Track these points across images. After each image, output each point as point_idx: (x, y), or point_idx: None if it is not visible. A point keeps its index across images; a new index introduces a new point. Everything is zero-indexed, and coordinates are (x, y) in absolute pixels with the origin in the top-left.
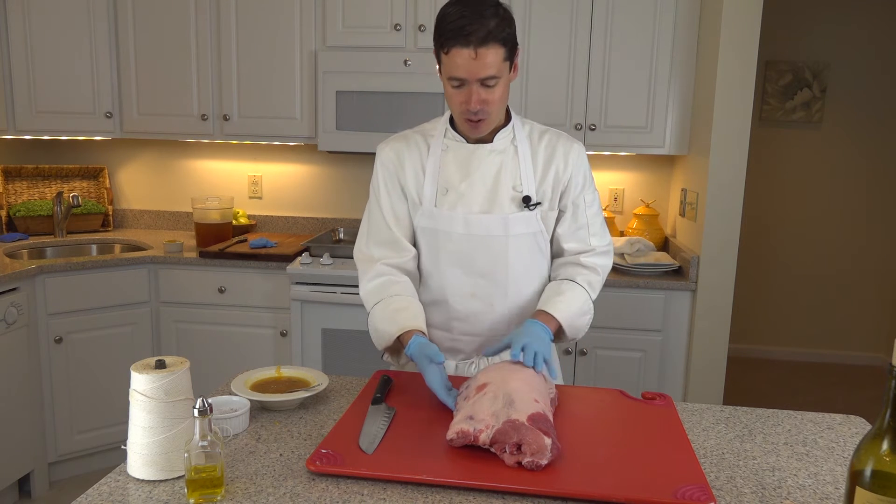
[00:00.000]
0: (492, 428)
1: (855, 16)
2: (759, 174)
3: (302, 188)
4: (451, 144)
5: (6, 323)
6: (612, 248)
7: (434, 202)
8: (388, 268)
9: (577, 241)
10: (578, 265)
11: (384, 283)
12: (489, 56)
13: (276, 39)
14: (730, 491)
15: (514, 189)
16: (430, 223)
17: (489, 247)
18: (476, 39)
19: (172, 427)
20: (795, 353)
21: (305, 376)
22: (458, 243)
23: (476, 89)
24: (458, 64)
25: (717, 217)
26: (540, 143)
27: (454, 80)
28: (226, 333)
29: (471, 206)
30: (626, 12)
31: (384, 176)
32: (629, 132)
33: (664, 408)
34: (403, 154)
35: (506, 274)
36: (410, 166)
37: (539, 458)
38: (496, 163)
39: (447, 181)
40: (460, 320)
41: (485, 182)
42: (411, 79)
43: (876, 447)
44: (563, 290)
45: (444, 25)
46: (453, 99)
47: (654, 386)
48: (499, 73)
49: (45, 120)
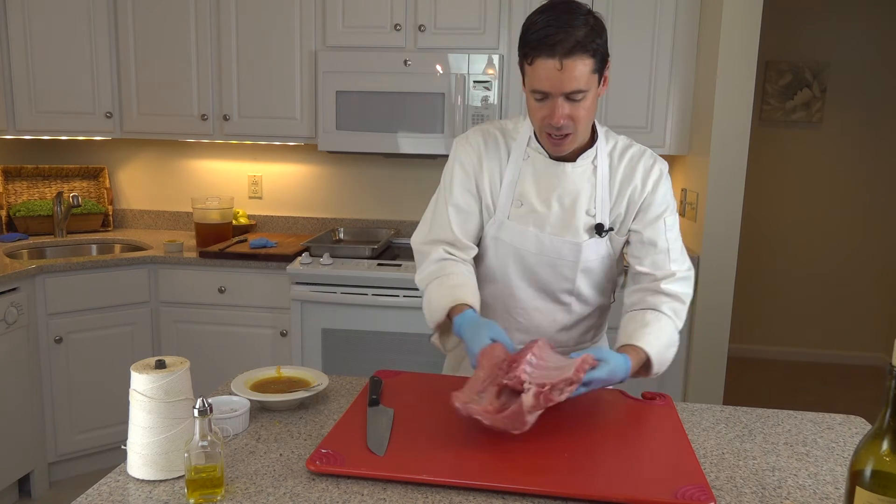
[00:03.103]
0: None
1: (855, 16)
2: (759, 174)
3: (302, 188)
4: (532, 155)
5: (6, 323)
6: (692, 274)
7: (507, 213)
8: (448, 254)
9: (656, 266)
10: (660, 293)
11: (442, 265)
12: (576, 68)
13: (276, 39)
14: (730, 491)
15: (588, 214)
16: (501, 234)
17: (557, 269)
18: (562, 50)
19: (172, 427)
20: (795, 353)
21: (305, 376)
22: (526, 259)
23: (561, 103)
24: (541, 76)
25: (717, 217)
26: (620, 161)
27: (537, 92)
28: (226, 333)
29: (543, 225)
30: (626, 12)
31: (461, 174)
32: (629, 132)
33: (664, 408)
34: (483, 154)
35: (572, 295)
36: (488, 169)
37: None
38: (576, 185)
39: (523, 195)
40: (521, 331)
41: (562, 204)
42: (411, 79)
43: (876, 447)
44: (649, 322)
45: (529, 34)
46: (535, 113)
47: (654, 386)
48: (586, 87)
49: (45, 120)
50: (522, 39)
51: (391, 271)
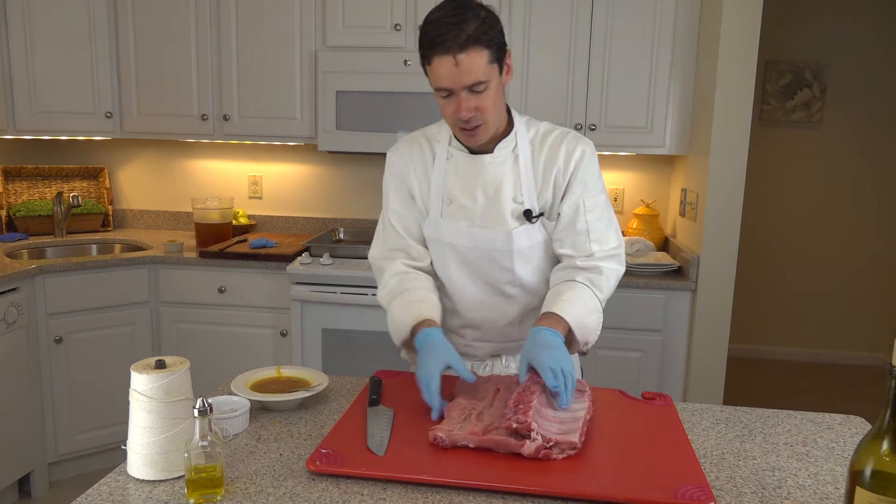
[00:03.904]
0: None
1: (855, 15)
2: (759, 174)
3: (302, 188)
4: (454, 153)
5: (6, 323)
6: (621, 250)
7: (440, 213)
8: (405, 267)
9: (574, 246)
10: (576, 268)
11: (401, 279)
12: (472, 61)
13: (276, 39)
14: (730, 491)
15: (515, 201)
16: (436, 234)
17: (495, 260)
18: (455, 46)
19: (172, 427)
20: (795, 353)
21: (305, 376)
22: (465, 255)
23: (465, 97)
24: (440, 74)
25: (717, 217)
26: (542, 146)
27: (441, 90)
28: (226, 333)
29: (473, 219)
30: (626, 12)
31: (393, 183)
32: (629, 132)
33: (664, 408)
34: (408, 161)
35: (514, 285)
36: (415, 174)
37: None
38: (497, 174)
39: (450, 192)
40: (472, 327)
41: (486, 195)
42: (411, 79)
43: (876, 447)
44: (563, 291)
45: (423, 35)
46: (445, 110)
47: (654, 386)
48: (486, 77)
49: (45, 120)
50: (420, 41)
51: None
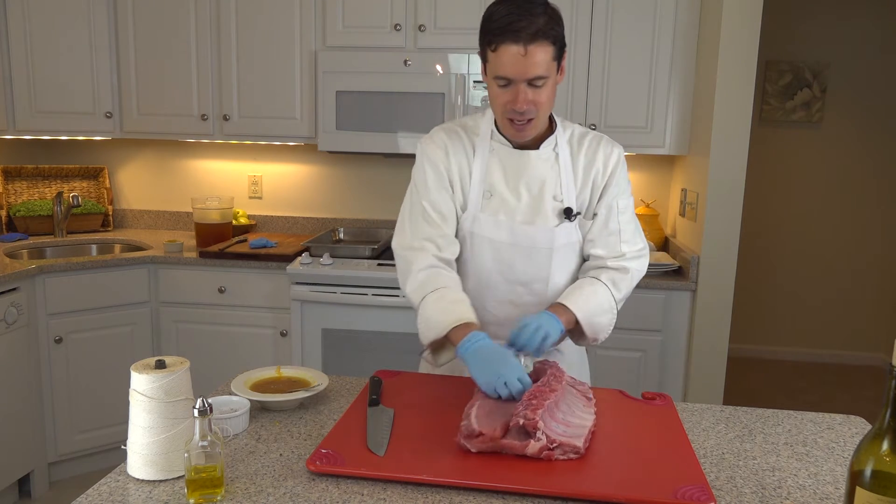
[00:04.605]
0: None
1: (855, 15)
2: (759, 174)
3: (302, 188)
4: (497, 147)
5: (6, 323)
6: (647, 252)
7: (480, 206)
8: (435, 260)
9: (607, 247)
10: (603, 267)
11: (432, 275)
12: (538, 54)
13: (276, 39)
14: (730, 491)
15: (556, 199)
16: (474, 227)
17: (532, 257)
18: (526, 36)
19: (172, 427)
20: (795, 353)
21: (305, 376)
22: (501, 251)
23: (523, 89)
24: (505, 62)
25: (717, 217)
26: (580, 147)
27: (501, 79)
28: (226, 333)
29: (514, 214)
30: (626, 12)
31: (431, 170)
32: (629, 132)
33: (664, 408)
34: (450, 149)
35: (546, 284)
36: (457, 164)
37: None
38: (541, 171)
39: (492, 186)
40: (496, 325)
41: (530, 191)
42: (411, 79)
43: (876, 447)
44: (583, 286)
45: (491, 22)
46: (498, 99)
47: (654, 386)
48: (547, 73)
49: (45, 120)
50: (485, 28)
51: (391, 271)
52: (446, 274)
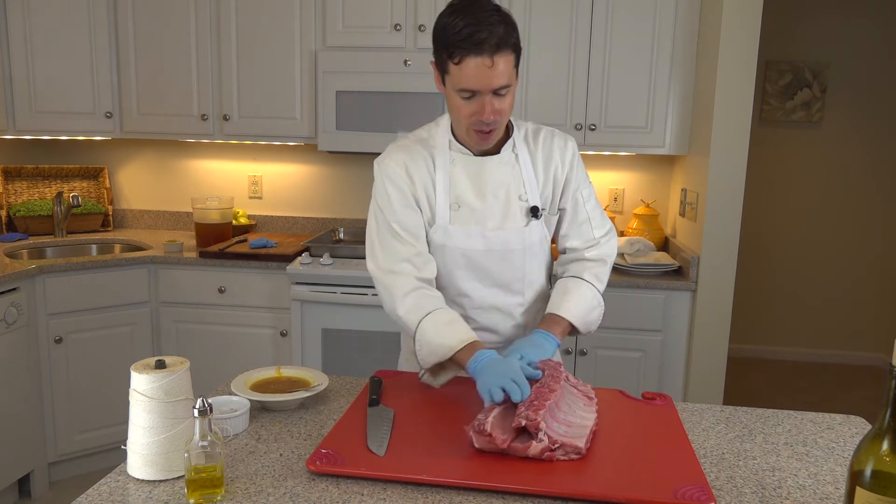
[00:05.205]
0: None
1: (855, 15)
2: (759, 174)
3: (302, 188)
4: (457, 157)
5: (6, 323)
6: (615, 230)
7: (448, 218)
8: (417, 282)
9: (580, 237)
10: (584, 260)
11: (420, 296)
12: (502, 64)
13: (276, 39)
14: (730, 491)
15: (521, 199)
16: (445, 240)
17: (507, 260)
18: (489, 47)
19: (172, 427)
20: (795, 353)
21: (305, 376)
22: (475, 259)
23: (489, 100)
24: (470, 74)
25: (717, 217)
26: (536, 144)
27: (465, 91)
28: (226, 333)
29: (485, 221)
30: (626, 12)
31: (394, 191)
32: (629, 132)
33: (664, 408)
34: (411, 168)
35: (523, 282)
36: (420, 183)
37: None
38: (504, 175)
39: (459, 197)
40: (480, 330)
41: (497, 196)
42: (411, 79)
43: (876, 447)
44: (570, 289)
45: (449, 35)
46: (462, 111)
47: (654, 386)
48: (510, 81)
49: (45, 120)
50: (443, 41)
51: None
52: (431, 294)
